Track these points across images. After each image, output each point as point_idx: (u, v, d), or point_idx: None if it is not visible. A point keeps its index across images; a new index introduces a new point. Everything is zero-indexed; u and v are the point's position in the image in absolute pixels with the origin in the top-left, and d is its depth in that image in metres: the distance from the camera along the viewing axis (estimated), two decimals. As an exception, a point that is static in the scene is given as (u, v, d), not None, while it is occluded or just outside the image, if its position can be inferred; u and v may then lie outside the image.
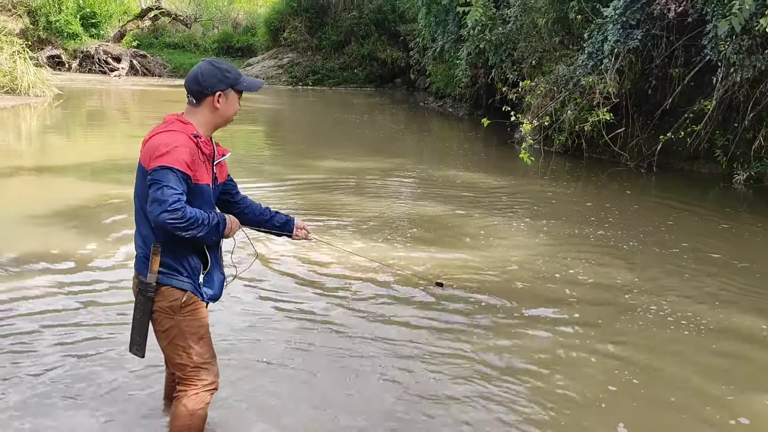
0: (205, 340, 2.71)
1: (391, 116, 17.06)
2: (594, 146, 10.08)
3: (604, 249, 6.00)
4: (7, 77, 14.41)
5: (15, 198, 7.09)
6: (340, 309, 4.49)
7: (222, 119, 2.68)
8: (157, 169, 2.41)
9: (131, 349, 2.70)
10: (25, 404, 3.19)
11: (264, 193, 7.65)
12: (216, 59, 2.69)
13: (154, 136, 2.54)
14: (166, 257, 2.56)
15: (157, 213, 2.37)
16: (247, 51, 25.79)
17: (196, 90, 2.60)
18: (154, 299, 2.59)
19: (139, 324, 2.65)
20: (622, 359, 3.91)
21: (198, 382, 2.69)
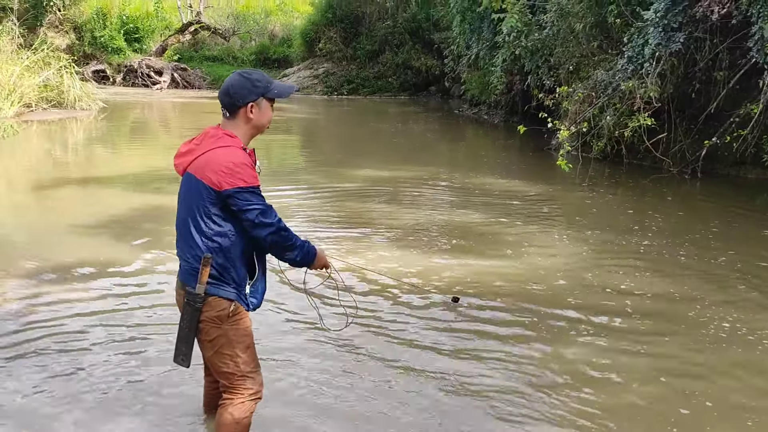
0: (251, 348, 2.74)
1: (426, 124, 17.06)
2: (634, 152, 9.90)
3: (647, 258, 5.88)
4: (55, 91, 14.82)
5: (63, 207, 7.29)
6: (368, 318, 4.49)
7: (257, 129, 2.73)
8: (242, 191, 2.52)
9: (176, 359, 2.73)
10: (69, 402, 3.28)
11: (299, 202, 7.72)
12: (246, 70, 2.73)
13: (213, 152, 2.57)
14: (214, 268, 2.59)
15: (263, 235, 2.58)
16: (284, 62, 26.09)
17: (228, 103, 2.65)
18: (202, 309, 2.62)
19: (185, 335, 2.67)
20: (667, 373, 3.81)
21: (244, 390, 2.71)
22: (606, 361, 3.91)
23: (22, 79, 13.14)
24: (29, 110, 13.90)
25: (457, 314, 4.55)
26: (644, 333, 4.31)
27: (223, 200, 2.54)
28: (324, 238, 6.28)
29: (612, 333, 4.31)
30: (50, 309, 4.44)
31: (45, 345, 3.91)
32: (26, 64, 13.55)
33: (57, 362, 3.72)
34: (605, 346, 4.11)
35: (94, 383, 3.50)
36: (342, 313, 3.23)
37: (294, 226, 6.50)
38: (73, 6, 22.51)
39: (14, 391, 3.40)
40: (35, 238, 6.10)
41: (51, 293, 4.71)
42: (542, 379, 3.68)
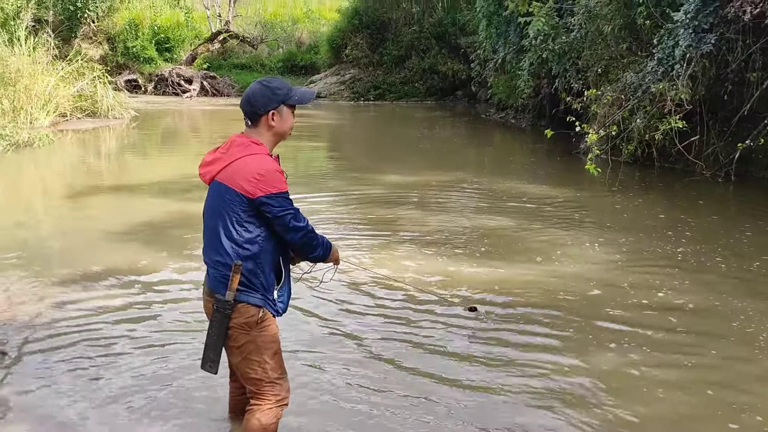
0: (278, 355, 2.77)
1: (453, 129, 17.02)
2: (666, 155, 9.75)
3: (681, 264, 5.78)
4: (89, 101, 15.13)
5: (95, 214, 7.44)
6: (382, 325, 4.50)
7: (279, 136, 2.77)
8: (275, 197, 2.59)
9: (204, 366, 2.76)
10: (101, 406, 3.35)
11: (326, 207, 7.76)
12: (266, 78, 2.78)
13: (243, 161, 2.62)
14: (243, 275, 2.62)
15: (297, 238, 2.70)
16: (311, 68, 26.27)
17: (250, 111, 2.71)
18: (231, 316, 2.65)
19: (214, 341, 2.70)
20: (712, 384, 3.73)
21: (272, 396, 2.74)
22: (644, 372, 3.84)
23: (57, 89, 13.45)
24: (64, 120, 14.21)
25: (486, 323, 4.53)
26: (684, 343, 4.23)
27: (255, 207, 2.59)
28: (350, 243, 6.31)
29: (649, 342, 4.23)
30: (81, 314, 4.55)
31: (76, 349, 4.01)
32: (61, 75, 13.86)
33: (88, 366, 3.80)
34: (643, 356, 4.04)
35: (125, 387, 3.57)
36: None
37: (321, 230, 6.58)
38: (106, 18, 23.01)
39: (46, 395, 3.48)
40: (69, 245, 6.24)
41: (83, 298, 4.82)
42: (576, 391, 3.64)
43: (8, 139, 10.71)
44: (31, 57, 13.02)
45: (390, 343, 4.20)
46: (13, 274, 5.27)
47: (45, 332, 4.22)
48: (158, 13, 25.16)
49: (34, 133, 11.43)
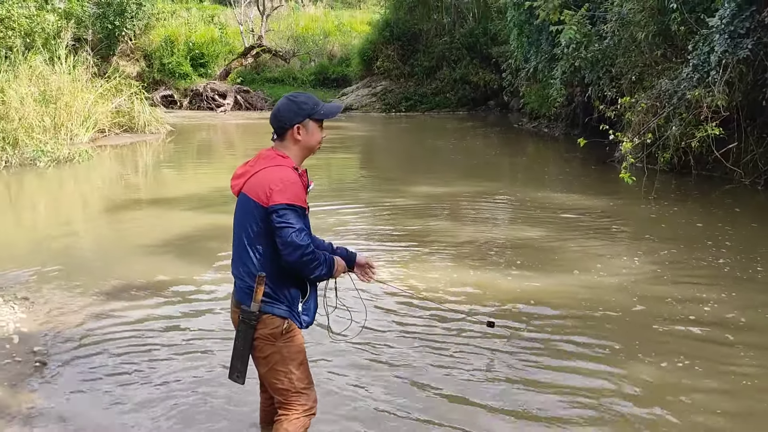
0: (304, 365, 2.80)
1: (485, 139, 16.95)
2: (703, 163, 9.56)
3: (719, 274, 5.65)
4: (126, 117, 15.48)
5: (133, 228, 7.59)
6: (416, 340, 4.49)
7: (306, 150, 2.80)
8: (283, 208, 2.57)
9: (231, 376, 2.79)
10: (139, 412, 3.41)
11: (357, 218, 7.79)
12: (293, 93, 2.83)
13: (265, 171, 2.66)
14: (268, 287, 2.66)
15: (294, 257, 2.58)
16: (343, 81, 26.48)
17: (277, 126, 2.75)
18: (257, 327, 2.68)
19: (240, 352, 2.74)
20: (742, 399, 3.65)
21: (299, 406, 2.76)
22: (685, 386, 3.76)
23: (96, 106, 13.80)
24: (103, 135, 14.56)
25: (523, 335, 4.49)
26: (727, 355, 4.14)
27: (269, 217, 2.60)
28: (380, 254, 6.33)
29: (692, 355, 4.13)
30: (118, 324, 4.65)
31: (113, 359, 4.10)
32: (100, 92, 14.22)
33: (124, 375, 3.89)
34: (684, 367, 3.97)
35: (163, 395, 3.64)
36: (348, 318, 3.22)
37: (350, 241, 6.63)
38: (143, 35, 23.55)
39: (83, 404, 3.56)
40: (107, 257, 6.38)
41: (120, 309, 4.92)
42: (616, 402, 3.58)
43: (49, 155, 11.01)
44: (71, 75, 13.39)
45: (418, 359, 4.19)
46: (55, 286, 5.41)
47: (83, 342, 4.32)
48: (193, 29, 25.66)
49: (74, 149, 11.74)
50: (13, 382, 3.76)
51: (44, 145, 11.11)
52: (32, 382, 3.79)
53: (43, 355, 4.11)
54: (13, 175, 10.29)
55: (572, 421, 3.39)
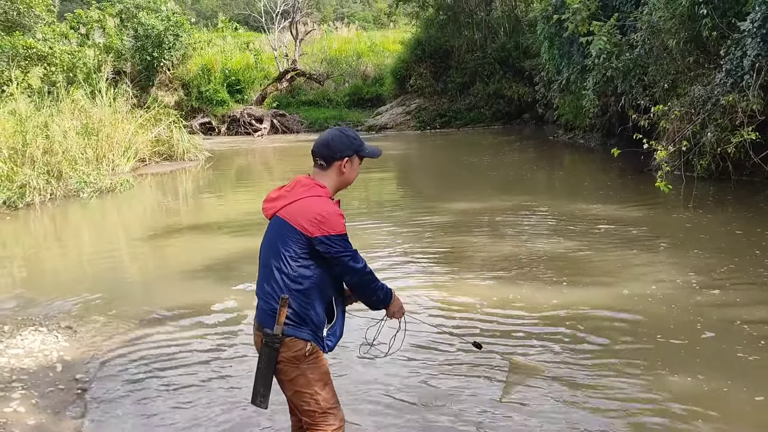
0: (329, 385, 2.83)
1: (520, 153, 16.87)
2: (742, 168, 9.34)
3: (760, 282, 5.51)
4: (165, 145, 15.91)
5: (174, 253, 7.80)
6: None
7: (345, 183, 2.90)
8: (337, 238, 2.70)
9: (254, 401, 2.82)
10: None
11: (393, 237, 7.84)
12: (343, 127, 2.94)
13: (307, 201, 2.74)
14: (292, 309, 2.71)
15: (356, 279, 2.80)
16: (377, 101, 26.71)
17: (326, 154, 2.83)
18: (280, 350, 2.73)
19: (263, 375, 2.78)
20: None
21: (327, 427, 2.79)
22: (734, 395, 3.72)
23: (136, 136, 14.24)
24: (144, 164, 14.99)
25: (566, 349, 4.46)
26: (746, 371, 4.03)
27: (312, 245, 2.69)
28: (417, 273, 6.37)
29: (737, 364, 4.08)
30: (157, 350, 4.77)
31: (157, 384, 4.20)
32: (140, 122, 14.67)
33: (169, 400, 3.98)
34: (730, 378, 3.90)
35: (205, 419, 3.72)
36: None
37: (388, 260, 6.68)
38: (180, 65, 24.23)
39: (129, 429, 3.66)
40: (148, 283, 6.57)
41: (159, 334, 5.05)
42: (659, 415, 3.55)
43: (92, 185, 11.39)
44: (111, 107, 13.88)
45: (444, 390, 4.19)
46: (97, 314, 5.58)
47: (125, 369, 4.45)
48: (229, 57, 26.27)
49: (116, 179, 12.12)
50: (57, 410, 3.90)
51: (87, 177, 11.49)
52: (75, 409, 3.93)
53: (86, 383, 4.25)
54: (58, 207, 10.67)
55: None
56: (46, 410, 3.88)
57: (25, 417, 3.78)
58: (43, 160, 11.07)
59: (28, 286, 6.72)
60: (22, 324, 5.31)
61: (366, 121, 25.26)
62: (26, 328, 5.19)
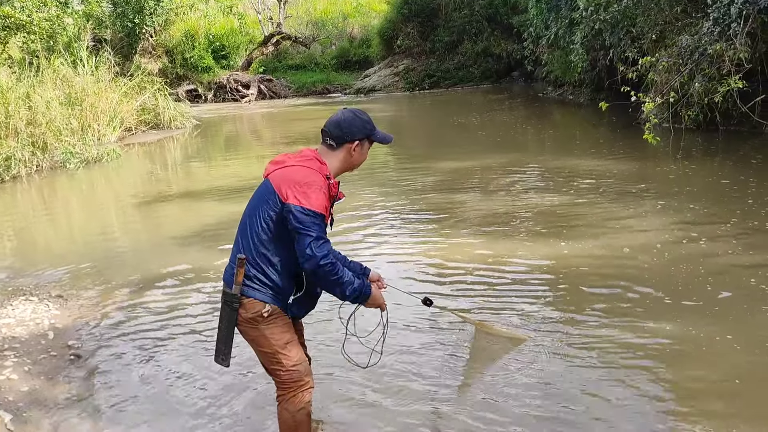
0: (290, 343, 2.77)
1: (510, 111, 16.78)
2: (730, 118, 9.33)
3: (746, 229, 5.55)
4: (151, 114, 15.74)
5: (163, 221, 7.77)
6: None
7: (352, 166, 2.84)
8: (301, 211, 2.55)
9: (216, 359, 2.82)
10: (170, 399, 3.52)
11: (385, 198, 7.83)
12: (356, 110, 2.84)
13: (296, 168, 2.67)
14: (256, 271, 2.67)
15: (309, 266, 2.57)
16: (364, 63, 26.43)
17: (337, 135, 2.75)
18: (239, 311, 2.70)
19: (224, 335, 2.77)
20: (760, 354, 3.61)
21: (293, 384, 2.77)
22: (689, 341, 3.78)
23: (120, 105, 14.04)
24: (130, 134, 14.85)
25: (556, 299, 4.50)
26: (734, 314, 4.10)
27: (283, 212, 2.60)
28: (403, 229, 6.39)
29: (722, 304, 4.14)
30: (153, 315, 4.78)
31: (149, 349, 4.22)
32: (124, 91, 14.46)
33: (160, 364, 4.00)
34: (715, 318, 3.97)
35: (194, 382, 3.75)
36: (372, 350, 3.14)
37: (374, 217, 6.69)
38: (163, 31, 23.80)
39: (121, 392, 3.69)
40: (138, 251, 6.55)
41: (151, 301, 5.05)
42: (652, 358, 3.60)
43: (78, 156, 11.28)
44: (94, 76, 13.65)
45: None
46: (87, 282, 5.58)
47: (116, 335, 4.47)
48: (212, 22, 25.85)
49: (102, 149, 12.00)
50: (50, 375, 3.93)
51: (72, 147, 11.37)
52: (67, 374, 3.95)
53: (78, 349, 4.26)
54: (44, 179, 10.58)
55: (609, 377, 3.41)
56: (39, 376, 3.90)
57: (18, 383, 3.80)
58: (26, 131, 10.93)
59: (18, 256, 6.70)
60: (12, 294, 5.30)
61: (354, 83, 25.04)
62: (17, 297, 5.18)
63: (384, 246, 5.99)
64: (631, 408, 3.17)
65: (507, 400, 3.32)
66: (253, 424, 3.30)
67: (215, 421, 3.35)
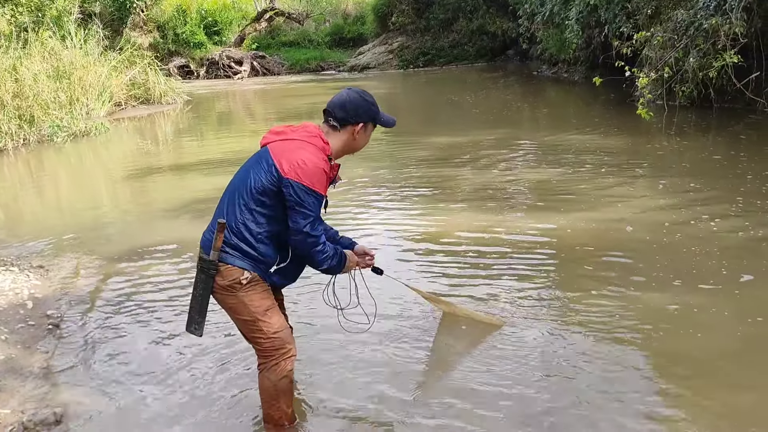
0: (270, 310, 2.69)
1: (504, 89, 16.65)
2: (724, 95, 9.25)
3: (734, 204, 5.50)
4: (141, 89, 15.54)
5: (152, 194, 7.67)
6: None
7: (353, 149, 2.76)
8: (303, 189, 2.50)
9: (188, 328, 2.73)
10: (148, 368, 3.47)
11: (377, 173, 7.75)
12: (362, 91, 2.74)
13: (299, 143, 2.59)
14: (239, 239, 2.59)
15: (302, 245, 2.58)
16: (358, 40, 26.18)
17: (341, 116, 2.66)
18: (215, 278, 2.61)
19: (198, 303, 2.68)
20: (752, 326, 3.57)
21: (274, 352, 2.69)
22: (675, 313, 3.74)
23: (110, 79, 13.83)
24: (120, 109, 14.67)
25: (543, 272, 4.45)
26: (724, 288, 4.05)
27: (279, 185, 2.53)
28: (397, 203, 6.33)
29: (712, 278, 4.09)
30: (131, 287, 4.70)
31: (129, 319, 4.16)
32: (113, 65, 14.24)
33: (140, 333, 3.94)
34: (706, 291, 3.93)
35: (174, 352, 3.69)
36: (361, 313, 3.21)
37: (370, 194, 6.61)
38: (154, 6, 23.43)
39: (99, 361, 3.63)
40: (125, 223, 6.47)
41: (134, 272, 4.97)
42: (641, 330, 3.56)
43: (66, 130, 11.12)
44: (83, 50, 13.42)
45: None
46: (70, 253, 5.48)
47: (96, 305, 4.39)
48: (205, -4, 25.49)
49: (91, 123, 11.84)
50: (27, 344, 3.85)
51: (60, 121, 11.21)
52: (45, 343, 3.87)
53: (57, 318, 4.19)
54: (32, 152, 10.43)
55: (600, 340, 3.37)
56: (15, 345, 3.82)
57: (-6, 352, 3.74)
58: (13, 104, 10.74)
59: (1, 228, 6.60)
60: (-8, 265, 5.21)
61: (348, 61, 24.81)
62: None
63: (374, 219, 5.92)
64: (629, 381, 3.13)
65: (502, 366, 3.28)
66: (235, 393, 3.24)
67: (194, 389, 3.29)
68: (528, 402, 2.99)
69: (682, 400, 2.93)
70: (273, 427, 2.83)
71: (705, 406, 2.88)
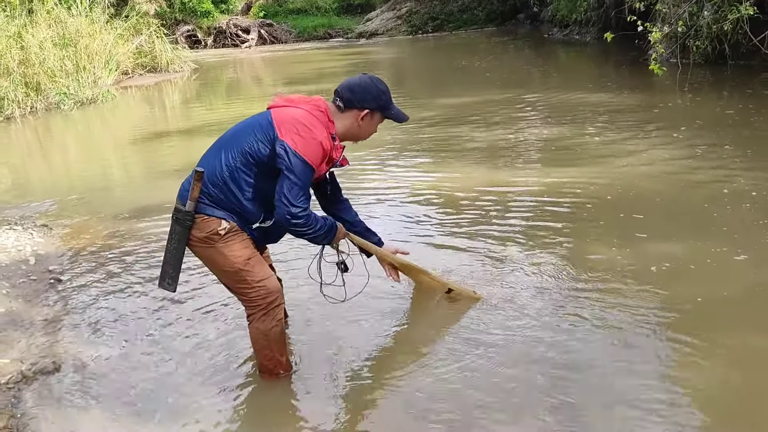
0: (252, 259, 2.59)
1: (515, 52, 16.35)
2: (739, 52, 9.00)
3: (746, 159, 5.37)
4: (148, 57, 15.44)
5: (158, 157, 7.61)
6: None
7: (356, 136, 2.68)
8: (298, 157, 2.41)
9: (161, 284, 2.64)
10: (152, 320, 3.46)
11: (385, 133, 7.64)
12: (376, 77, 2.64)
13: (302, 112, 2.50)
14: (219, 191, 2.51)
15: (283, 212, 2.43)
16: (366, 7, 25.81)
17: (347, 98, 2.58)
18: (191, 229, 2.52)
19: (173, 256, 2.58)
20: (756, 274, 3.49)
21: (261, 301, 2.61)
22: (681, 263, 3.66)
23: (116, 47, 13.73)
24: (127, 77, 14.60)
25: (550, 226, 4.38)
26: (735, 240, 3.93)
27: (273, 147, 2.44)
28: (403, 163, 6.28)
29: (697, 237, 3.99)
30: (138, 243, 4.69)
31: (131, 274, 4.14)
32: (119, 33, 14.12)
33: (142, 287, 3.93)
34: (717, 241, 3.83)
35: (175, 306, 3.66)
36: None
37: (373, 150, 6.52)
38: (160, -27, 23.14)
39: (100, 313, 3.62)
40: (129, 185, 6.49)
41: (137, 230, 4.95)
42: (648, 279, 3.48)
43: (72, 97, 11.08)
44: (88, 17, 13.31)
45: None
46: (74, 212, 5.48)
47: (98, 260, 4.38)
48: (211, -37, 25.11)
49: (97, 90, 11.79)
50: (28, 298, 3.85)
51: (66, 89, 11.16)
52: (47, 297, 3.87)
53: (59, 273, 4.18)
54: (39, 119, 10.42)
55: (596, 295, 3.31)
56: (17, 299, 3.82)
57: (-4, 306, 3.74)
58: (19, 71, 10.70)
59: (6, 191, 6.60)
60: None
61: (356, 27, 24.49)
62: (0, 227, 5.09)
63: (383, 178, 5.85)
64: (641, 331, 3.07)
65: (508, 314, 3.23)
66: (228, 346, 3.21)
67: (189, 342, 3.26)
68: (538, 354, 2.94)
69: (695, 348, 2.86)
70: (268, 376, 2.79)
71: (718, 354, 2.81)
